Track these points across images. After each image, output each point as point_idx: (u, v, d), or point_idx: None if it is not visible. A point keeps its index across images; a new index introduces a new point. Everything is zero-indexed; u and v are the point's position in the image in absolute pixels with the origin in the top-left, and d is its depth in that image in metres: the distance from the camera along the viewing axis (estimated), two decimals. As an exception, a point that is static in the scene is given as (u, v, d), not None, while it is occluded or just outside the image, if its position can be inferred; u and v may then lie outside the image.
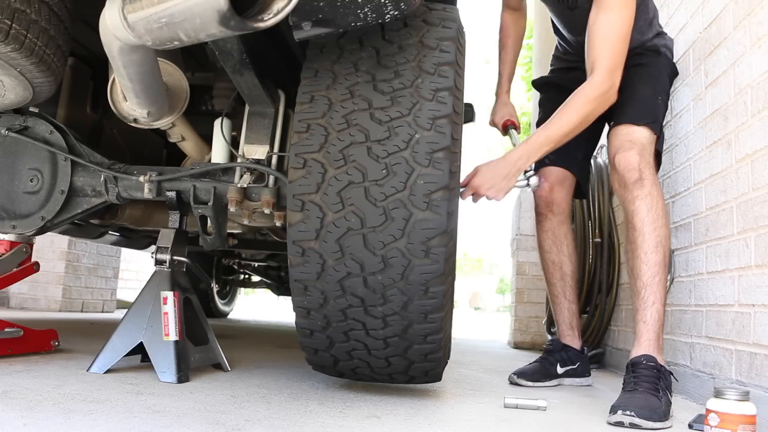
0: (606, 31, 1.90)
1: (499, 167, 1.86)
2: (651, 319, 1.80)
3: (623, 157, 1.92)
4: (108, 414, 1.22)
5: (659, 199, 1.90)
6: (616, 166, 1.94)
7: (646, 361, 1.73)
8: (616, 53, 1.89)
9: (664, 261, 1.86)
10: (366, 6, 1.32)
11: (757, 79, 1.77)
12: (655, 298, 1.82)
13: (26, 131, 1.82)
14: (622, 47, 1.91)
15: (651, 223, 1.86)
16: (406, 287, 1.43)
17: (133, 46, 1.35)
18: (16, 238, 1.97)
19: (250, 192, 1.76)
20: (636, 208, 1.89)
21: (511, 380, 2.27)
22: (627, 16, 1.90)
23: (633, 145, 1.93)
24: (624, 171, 1.91)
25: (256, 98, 1.72)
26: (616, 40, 1.89)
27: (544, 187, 2.32)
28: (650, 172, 1.92)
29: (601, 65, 1.89)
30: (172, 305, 1.69)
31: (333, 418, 1.37)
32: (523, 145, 1.90)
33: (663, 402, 1.61)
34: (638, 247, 1.86)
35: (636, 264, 1.86)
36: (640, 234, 1.87)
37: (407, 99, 1.46)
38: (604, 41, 1.90)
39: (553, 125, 1.89)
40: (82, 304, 4.69)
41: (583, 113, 1.88)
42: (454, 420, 1.48)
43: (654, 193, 1.90)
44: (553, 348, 2.37)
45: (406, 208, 1.40)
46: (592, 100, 1.88)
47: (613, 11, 1.88)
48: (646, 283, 1.83)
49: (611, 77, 1.89)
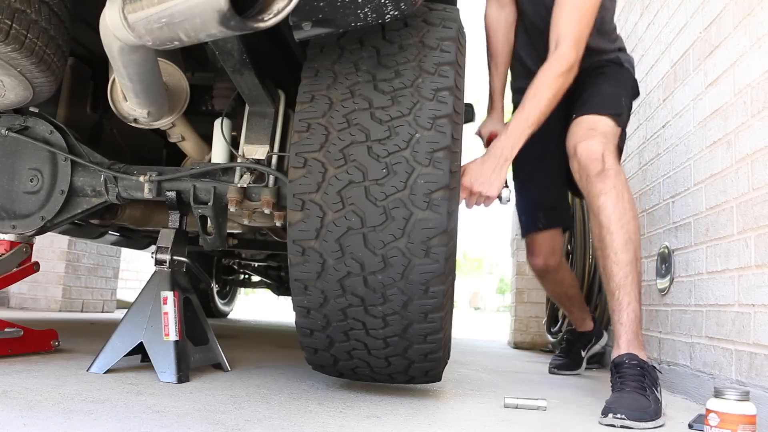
0: (572, 4, 1.89)
1: (487, 162, 1.82)
2: (627, 320, 1.76)
3: (585, 146, 1.86)
4: (108, 414, 1.22)
5: (624, 191, 1.83)
6: (578, 156, 1.87)
7: (628, 360, 1.70)
8: (582, 26, 1.88)
9: (635, 257, 1.80)
10: (366, 6, 1.32)
11: (757, 79, 1.77)
12: (629, 298, 1.77)
13: (26, 131, 1.82)
14: (588, 20, 1.90)
15: (618, 220, 1.79)
16: (406, 287, 1.43)
17: (133, 46, 1.35)
18: (16, 238, 1.97)
19: (250, 192, 1.76)
20: (601, 204, 1.81)
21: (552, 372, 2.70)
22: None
23: (595, 134, 1.88)
24: (586, 161, 1.85)
25: (256, 98, 1.72)
26: (583, 13, 1.89)
27: (538, 262, 2.46)
28: (614, 161, 1.85)
29: (566, 36, 1.87)
30: (172, 305, 1.69)
31: (333, 418, 1.37)
32: (504, 136, 1.85)
33: (651, 400, 1.60)
34: (607, 246, 1.81)
35: (607, 264, 1.81)
36: (608, 232, 1.80)
37: (408, 98, 1.46)
38: (571, 13, 1.88)
39: (527, 107, 1.84)
40: (82, 304, 4.69)
41: (554, 89, 1.85)
42: (454, 420, 1.48)
43: (618, 185, 1.82)
44: (573, 338, 2.76)
45: (406, 207, 1.40)
46: (562, 74, 1.85)
47: None
48: (619, 284, 1.78)
49: (576, 48, 1.87)
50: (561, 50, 1.87)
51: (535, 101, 1.84)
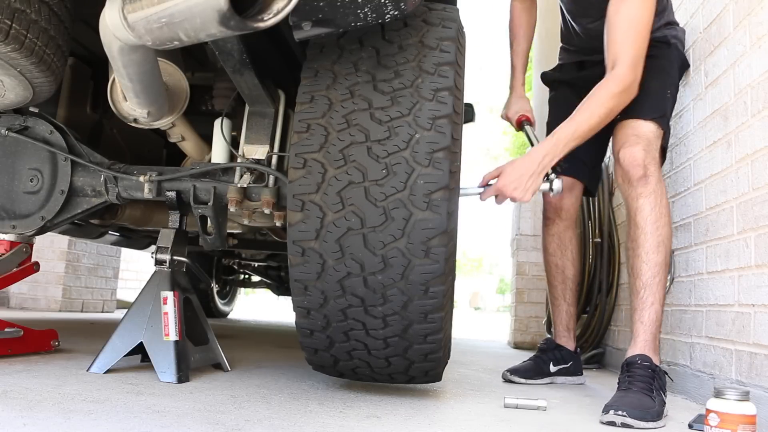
0: (628, 23, 1.84)
1: (525, 166, 1.80)
2: (648, 320, 1.79)
3: (629, 152, 1.89)
4: (108, 414, 1.22)
5: (663, 198, 1.88)
6: (621, 161, 1.91)
7: (641, 361, 1.72)
8: (639, 45, 1.84)
9: (665, 261, 1.84)
10: (366, 6, 1.32)
11: (757, 79, 1.77)
12: (654, 298, 1.80)
13: (26, 131, 1.82)
14: (644, 38, 1.86)
15: (654, 222, 1.84)
16: (406, 287, 1.43)
17: (133, 46, 1.35)
18: (16, 238, 1.97)
19: (250, 192, 1.76)
20: (639, 206, 1.86)
21: (504, 377, 2.32)
22: (649, 6, 1.85)
23: (639, 140, 1.90)
24: (629, 167, 1.89)
25: (256, 98, 1.72)
26: (639, 32, 1.84)
27: (549, 205, 2.33)
28: (655, 169, 1.89)
29: (624, 58, 1.83)
30: (172, 305, 1.69)
31: (333, 418, 1.37)
32: (548, 142, 1.83)
33: (656, 402, 1.61)
34: (639, 246, 1.84)
35: (636, 263, 1.84)
36: (642, 232, 1.84)
37: (407, 99, 1.46)
38: (626, 33, 1.84)
39: (577, 119, 1.83)
40: (82, 304, 4.69)
41: (607, 107, 1.83)
42: (454, 420, 1.48)
43: (658, 191, 1.87)
44: (547, 347, 2.41)
45: (406, 208, 1.40)
46: (617, 94, 1.83)
47: (635, 1, 1.84)
48: (645, 283, 1.82)
49: (634, 70, 1.84)
50: (618, 70, 1.84)
51: (586, 115, 1.83)
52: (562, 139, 1.81)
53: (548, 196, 2.27)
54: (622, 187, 1.94)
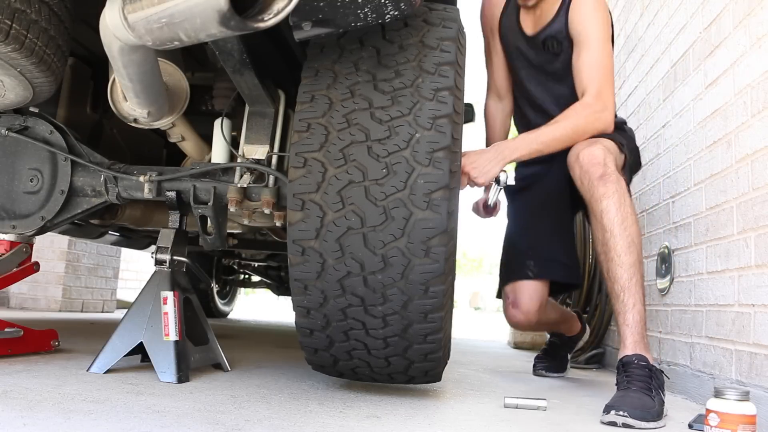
0: (592, 61, 2.01)
1: (486, 152, 1.93)
2: (633, 322, 1.76)
3: (587, 152, 1.88)
4: (108, 414, 1.22)
5: (626, 196, 1.85)
6: (580, 159, 1.89)
7: (637, 361, 1.71)
8: (604, 77, 2.00)
9: (639, 259, 1.82)
10: (366, 6, 1.32)
11: (757, 79, 1.77)
12: (634, 300, 1.78)
13: (26, 131, 1.82)
14: (609, 75, 2.02)
15: (621, 223, 1.81)
16: (406, 287, 1.43)
17: (133, 46, 1.35)
18: (16, 238, 1.97)
19: (250, 192, 1.76)
20: (604, 208, 1.83)
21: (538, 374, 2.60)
22: (609, 51, 2.05)
23: (597, 141, 1.92)
24: (588, 165, 1.86)
25: (256, 98, 1.72)
26: (603, 67, 2.01)
27: (517, 317, 2.21)
28: (614, 167, 1.88)
29: (591, 87, 1.99)
30: (172, 305, 1.69)
31: (333, 418, 1.37)
32: (511, 139, 1.99)
33: (656, 402, 1.61)
34: (611, 249, 1.82)
35: (611, 267, 1.82)
36: (611, 235, 1.81)
37: (408, 98, 1.46)
38: (591, 70, 2.01)
39: (543, 128, 1.96)
40: (82, 304, 4.69)
41: (575, 124, 1.94)
42: (454, 420, 1.48)
43: (620, 189, 1.84)
44: (560, 342, 2.68)
45: (406, 207, 1.40)
46: (585, 115, 1.95)
47: (596, 47, 2.02)
48: (624, 287, 1.79)
49: (601, 98, 1.97)
50: (585, 99, 2.00)
51: (552, 126, 1.96)
52: (525, 139, 1.97)
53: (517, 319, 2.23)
54: (582, 188, 1.91)
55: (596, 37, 2.03)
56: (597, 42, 2.03)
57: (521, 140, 1.96)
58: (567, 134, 1.93)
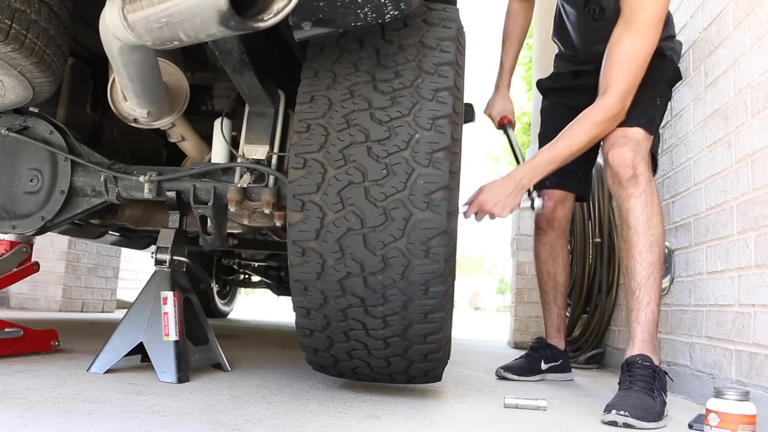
0: (628, 54, 1.85)
1: (504, 185, 1.88)
2: (645, 320, 1.78)
3: (617, 153, 1.89)
4: (108, 414, 1.22)
5: (654, 197, 1.87)
6: (610, 162, 1.91)
7: (641, 361, 1.72)
8: (632, 77, 1.86)
9: (659, 260, 1.83)
10: (366, 6, 1.32)
11: (757, 79, 1.77)
12: (649, 298, 1.80)
13: (26, 131, 1.82)
14: (640, 71, 1.87)
15: (646, 222, 1.84)
16: (406, 287, 1.43)
17: (133, 46, 1.35)
18: (16, 238, 1.97)
19: (250, 192, 1.76)
20: (631, 206, 1.86)
21: (498, 374, 2.41)
22: (652, 40, 1.85)
23: (627, 141, 1.90)
24: (618, 167, 1.88)
25: (256, 98, 1.72)
26: (636, 65, 1.85)
27: (547, 206, 2.37)
28: (645, 169, 1.89)
29: (616, 88, 1.86)
30: (172, 305, 1.69)
31: (333, 418, 1.37)
32: (528, 164, 1.92)
33: (658, 402, 1.61)
34: (633, 246, 1.84)
35: (630, 263, 1.84)
36: (635, 233, 1.84)
37: (407, 99, 1.46)
38: (624, 64, 1.85)
39: (559, 145, 1.90)
40: (82, 304, 4.69)
41: (590, 135, 1.89)
42: (454, 420, 1.48)
43: (649, 191, 1.86)
44: (539, 346, 2.51)
45: (406, 208, 1.40)
46: (601, 122, 1.88)
47: (640, 35, 1.83)
48: (640, 283, 1.81)
49: (623, 101, 1.87)
50: (607, 100, 1.87)
51: (568, 141, 1.90)
52: (541, 162, 1.90)
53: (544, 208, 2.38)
54: (612, 188, 1.95)
55: (646, 21, 1.81)
56: (645, 29, 1.82)
57: (537, 165, 1.89)
58: (583, 146, 1.90)
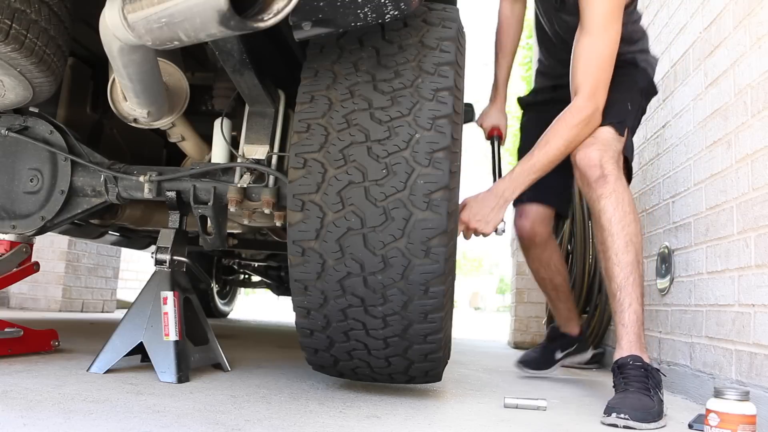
0: (588, 54, 1.87)
1: (487, 200, 1.86)
2: (629, 321, 1.76)
3: (584, 154, 1.87)
4: (108, 414, 1.22)
5: (625, 195, 1.84)
6: (578, 163, 1.89)
7: (632, 362, 1.70)
8: (598, 75, 1.87)
9: (637, 259, 1.81)
10: (366, 6, 1.32)
11: (757, 79, 1.77)
12: (631, 299, 1.78)
13: (26, 131, 1.82)
14: (605, 70, 1.88)
15: (618, 222, 1.81)
16: (406, 287, 1.43)
17: (133, 46, 1.35)
18: (16, 238, 1.97)
19: (250, 192, 1.76)
20: (602, 208, 1.83)
21: (517, 366, 2.53)
22: (610, 39, 1.87)
23: (594, 141, 1.89)
24: (585, 168, 1.86)
25: (256, 98, 1.72)
26: (599, 63, 1.87)
27: (524, 225, 2.34)
28: (613, 168, 1.86)
29: (583, 88, 1.87)
30: (172, 305, 1.69)
31: (333, 418, 1.37)
32: (508, 177, 1.89)
33: (655, 401, 1.60)
34: (609, 248, 1.82)
35: (608, 266, 1.82)
36: (609, 234, 1.81)
37: (407, 99, 1.46)
38: (586, 64, 1.87)
39: (536, 154, 1.87)
40: (82, 304, 4.69)
41: (566, 139, 1.87)
42: (454, 420, 1.48)
43: (618, 189, 1.83)
44: (554, 336, 2.58)
45: (406, 207, 1.40)
46: (575, 125, 1.86)
47: (596, 34, 1.86)
48: (620, 285, 1.79)
49: (594, 99, 1.86)
50: (576, 101, 1.87)
51: (545, 149, 1.87)
52: (521, 173, 1.88)
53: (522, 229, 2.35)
54: (582, 190, 1.93)
55: (599, 20, 1.85)
56: (600, 27, 1.85)
57: (517, 176, 1.87)
58: (560, 151, 1.88)
